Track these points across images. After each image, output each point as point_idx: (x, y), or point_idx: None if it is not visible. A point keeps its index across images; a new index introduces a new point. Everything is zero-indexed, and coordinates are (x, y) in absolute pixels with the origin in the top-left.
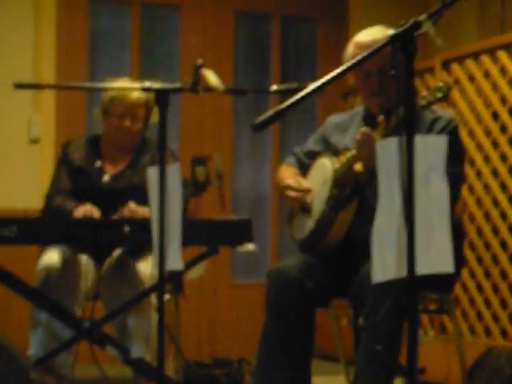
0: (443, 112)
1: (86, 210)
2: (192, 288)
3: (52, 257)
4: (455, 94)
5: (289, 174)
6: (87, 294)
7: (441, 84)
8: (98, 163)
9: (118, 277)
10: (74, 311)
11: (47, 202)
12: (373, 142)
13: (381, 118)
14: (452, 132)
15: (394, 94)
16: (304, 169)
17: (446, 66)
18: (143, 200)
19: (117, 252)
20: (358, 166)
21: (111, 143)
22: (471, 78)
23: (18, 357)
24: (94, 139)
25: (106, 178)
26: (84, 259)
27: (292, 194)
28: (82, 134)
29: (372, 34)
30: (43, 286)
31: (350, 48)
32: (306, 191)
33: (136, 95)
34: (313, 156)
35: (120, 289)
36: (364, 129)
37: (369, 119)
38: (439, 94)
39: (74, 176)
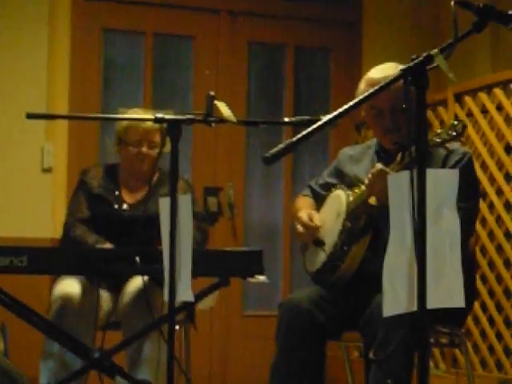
0: (457, 145)
1: None
2: (203, 319)
3: (69, 286)
4: (468, 127)
5: (303, 205)
6: (99, 323)
7: (455, 122)
8: (117, 192)
9: (141, 306)
10: (87, 341)
11: (66, 231)
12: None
13: (399, 156)
14: (466, 166)
15: (407, 130)
16: (319, 200)
17: (458, 98)
18: (160, 231)
19: (138, 280)
20: (372, 200)
21: (129, 172)
22: (484, 111)
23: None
24: (111, 168)
25: (125, 206)
26: (99, 289)
27: (301, 230)
28: (98, 163)
29: (384, 71)
30: (58, 315)
31: (362, 85)
32: (315, 228)
33: (150, 123)
34: (329, 188)
35: (142, 318)
36: (380, 165)
37: (382, 153)
38: (454, 133)
39: (92, 203)
